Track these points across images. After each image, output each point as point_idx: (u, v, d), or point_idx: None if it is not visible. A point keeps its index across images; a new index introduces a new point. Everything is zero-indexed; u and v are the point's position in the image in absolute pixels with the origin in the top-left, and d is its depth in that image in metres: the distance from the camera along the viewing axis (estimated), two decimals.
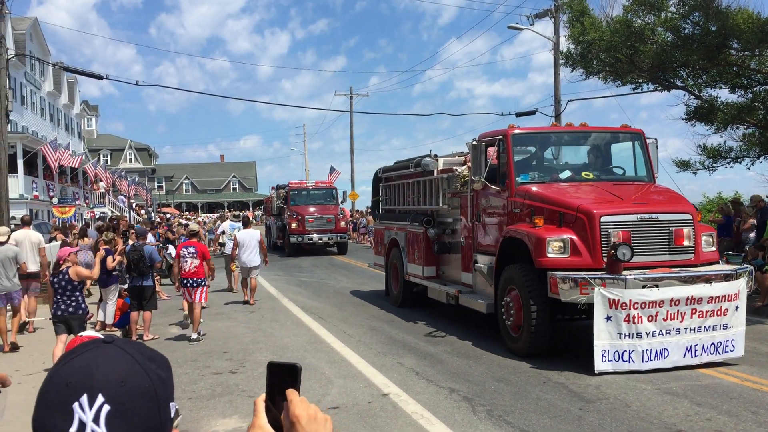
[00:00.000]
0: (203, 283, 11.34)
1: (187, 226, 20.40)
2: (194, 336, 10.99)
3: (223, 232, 19.14)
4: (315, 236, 27.27)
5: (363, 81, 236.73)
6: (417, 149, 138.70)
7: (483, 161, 10.09)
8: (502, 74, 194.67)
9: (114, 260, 11.50)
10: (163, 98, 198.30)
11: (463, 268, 11.24)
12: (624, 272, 8.13)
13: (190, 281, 11.30)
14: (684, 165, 20.26)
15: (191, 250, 11.47)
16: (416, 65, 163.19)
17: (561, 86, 25.68)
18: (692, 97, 20.76)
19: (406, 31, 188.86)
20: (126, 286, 11.69)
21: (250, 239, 14.87)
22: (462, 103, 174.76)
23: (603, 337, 8.01)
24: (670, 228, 8.66)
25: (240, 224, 17.31)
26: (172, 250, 18.93)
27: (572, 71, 21.88)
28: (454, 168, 11.71)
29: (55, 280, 8.92)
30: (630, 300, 7.95)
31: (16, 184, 29.81)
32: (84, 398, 0.98)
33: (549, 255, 8.52)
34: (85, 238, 14.91)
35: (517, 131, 10.35)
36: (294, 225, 27.57)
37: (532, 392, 7.46)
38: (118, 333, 11.32)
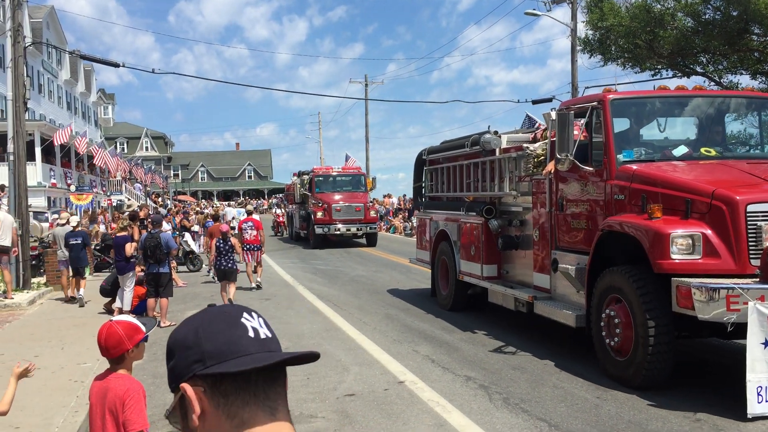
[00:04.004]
0: (260, 248, 15.63)
1: (203, 213, 22.27)
2: (258, 279, 15.33)
3: (233, 218, 22.85)
4: (341, 226, 25.10)
5: (381, 68, 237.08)
6: (433, 137, 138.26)
7: (570, 135, 8.05)
8: (521, 61, 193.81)
9: (132, 247, 11.60)
10: (181, 86, 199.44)
11: (536, 267, 9.26)
12: None
13: (251, 246, 15.39)
14: None
15: (251, 224, 15.82)
16: (434, 51, 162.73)
17: (578, 73, 25.41)
18: (713, 83, 20.50)
19: (425, 17, 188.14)
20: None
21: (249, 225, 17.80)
22: (480, 90, 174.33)
23: (759, 369, 6.11)
24: None
25: (244, 210, 22.35)
26: (188, 237, 19.21)
27: (590, 57, 21.78)
28: (524, 146, 9.72)
29: (220, 245, 12.63)
30: None
31: (34, 172, 30.07)
32: (245, 314, 1.22)
33: (674, 256, 6.58)
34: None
35: (617, 96, 8.34)
36: (319, 214, 25.15)
37: (549, 380, 7.42)
38: None
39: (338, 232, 25.33)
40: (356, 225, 25.48)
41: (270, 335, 1.21)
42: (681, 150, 8.14)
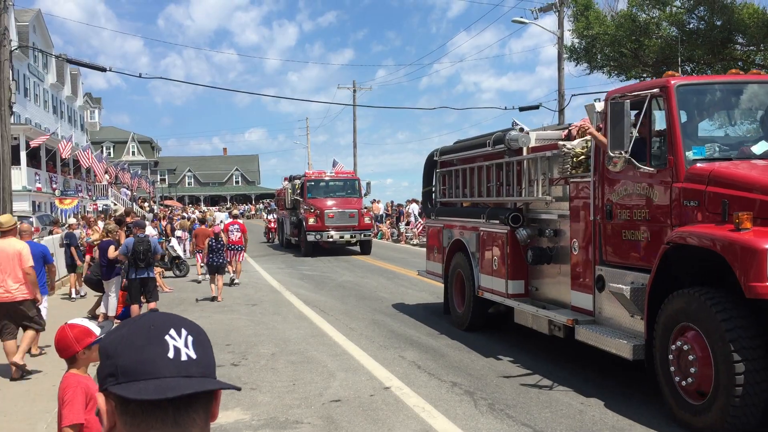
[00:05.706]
0: (242, 249, 17.24)
1: (187, 218, 22.48)
2: (237, 280, 16.77)
3: (221, 221, 23.11)
4: (334, 233, 23.92)
5: (370, 74, 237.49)
6: (422, 143, 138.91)
7: (626, 130, 6.68)
8: (510, 68, 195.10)
9: (116, 251, 11.54)
10: (169, 91, 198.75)
11: (574, 285, 7.94)
12: None
13: (235, 247, 16.79)
14: None
15: (236, 227, 17.17)
16: (423, 58, 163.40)
17: (565, 81, 25.60)
18: None
19: (414, 23, 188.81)
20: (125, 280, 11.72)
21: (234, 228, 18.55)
22: (469, 96, 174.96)
23: None
24: None
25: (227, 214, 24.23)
26: (174, 242, 19.21)
27: (576, 65, 21.93)
28: (560, 144, 8.33)
29: (213, 243, 14.57)
30: None
31: (19, 176, 29.86)
32: (172, 331, 1.16)
33: None
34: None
35: (683, 81, 6.89)
36: (312, 220, 23.91)
37: (534, 386, 7.46)
38: None
39: (331, 240, 24.13)
40: (350, 232, 24.31)
41: (194, 357, 1.14)
42: (762, 146, 6.74)
